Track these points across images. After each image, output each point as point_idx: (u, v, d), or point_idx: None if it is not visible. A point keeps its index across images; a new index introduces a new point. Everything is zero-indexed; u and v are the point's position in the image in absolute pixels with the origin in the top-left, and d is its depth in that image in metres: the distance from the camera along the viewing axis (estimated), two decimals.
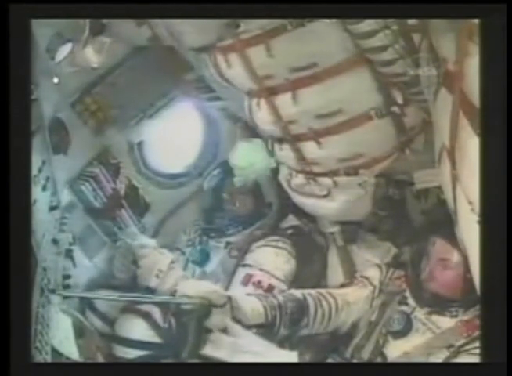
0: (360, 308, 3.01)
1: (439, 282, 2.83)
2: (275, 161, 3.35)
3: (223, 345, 2.58)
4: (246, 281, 3.20)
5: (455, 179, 2.23)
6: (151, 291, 2.92)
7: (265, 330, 2.78)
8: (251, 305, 2.78)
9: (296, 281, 3.26)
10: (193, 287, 2.71)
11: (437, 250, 2.85)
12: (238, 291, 3.08)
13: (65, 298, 2.67)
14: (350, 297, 3.04)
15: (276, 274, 3.21)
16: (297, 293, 2.95)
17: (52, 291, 2.48)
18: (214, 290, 2.70)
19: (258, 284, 3.16)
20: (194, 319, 2.56)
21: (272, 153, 3.32)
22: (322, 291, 3.05)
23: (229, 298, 2.69)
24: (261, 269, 3.23)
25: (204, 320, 2.58)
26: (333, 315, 2.95)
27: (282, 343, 2.85)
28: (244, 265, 3.32)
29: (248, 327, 2.71)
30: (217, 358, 2.53)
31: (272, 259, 3.30)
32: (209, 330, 2.59)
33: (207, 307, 2.59)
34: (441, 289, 2.83)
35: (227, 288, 3.16)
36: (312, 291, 2.99)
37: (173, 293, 2.79)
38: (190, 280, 3.13)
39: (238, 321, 2.70)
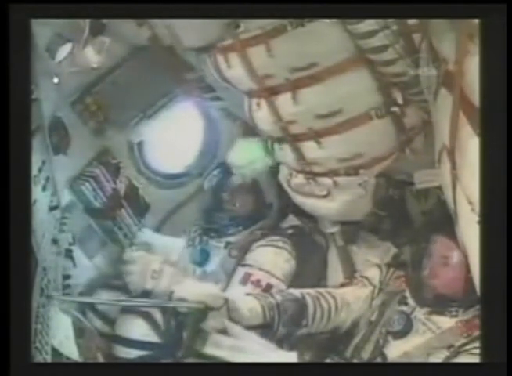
0: (360, 307, 3.01)
1: (441, 279, 2.83)
2: (273, 160, 3.35)
3: (222, 346, 2.58)
4: (245, 280, 3.20)
5: (455, 179, 2.23)
6: (149, 291, 2.91)
7: (264, 330, 2.78)
8: (249, 305, 2.78)
9: (295, 281, 3.26)
10: (189, 291, 2.69)
11: (439, 248, 2.85)
12: (236, 290, 3.09)
13: (65, 297, 2.67)
14: (349, 296, 3.04)
15: (276, 274, 3.21)
16: (296, 292, 2.95)
17: (51, 295, 2.47)
18: (210, 293, 2.69)
19: (257, 283, 3.16)
20: (190, 323, 2.56)
21: (271, 152, 3.32)
22: (322, 290, 3.05)
23: (226, 300, 2.68)
24: (260, 269, 3.23)
25: (200, 323, 2.58)
26: (333, 314, 2.95)
27: (281, 343, 2.85)
28: (244, 265, 3.32)
29: (247, 327, 2.71)
30: (217, 357, 2.54)
31: (272, 259, 3.30)
32: (207, 332, 2.59)
33: (203, 310, 2.58)
34: (443, 287, 2.83)
35: (226, 288, 3.16)
36: (311, 291, 2.99)
37: (170, 295, 2.77)
38: (187, 281, 3.09)
39: (236, 322, 2.69)
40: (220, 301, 2.65)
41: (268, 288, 3.13)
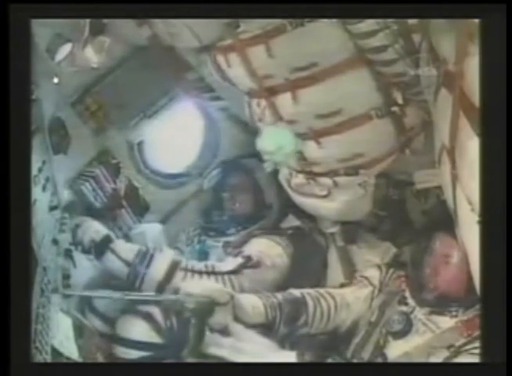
0: (360, 308, 3.01)
1: (443, 278, 2.83)
2: (299, 145, 3.31)
3: (223, 346, 2.58)
4: (236, 254, 3.23)
5: (455, 179, 2.23)
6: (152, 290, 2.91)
7: (265, 329, 2.78)
8: (252, 303, 2.79)
9: (293, 280, 3.25)
10: (197, 286, 2.71)
11: (440, 246, 2.85)
12: (226, 261, 3.13)
13: (65, 297, 2.67)
14: (349, 296, 3.04)
15: (265, 259, 3.21)
16: (296, 292, 2.95)
17: (53, 291, 2.48)
18: (217, 288, 2.71)
19: (247, 258, 3.16)
20: (197, 318, 2.56)
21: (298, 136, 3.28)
22: (322, 290, 3.05)
23: (232, 296, 2.69)
24: (251, 249, 3.26)
25: (207, 318, 2.58)
26: (333, 314, 2.96)
27: (282, 343, 2.85)
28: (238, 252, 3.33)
29: (249, 326, 2.72)
30: (218, 356, 2.54)
31: (264, 248, 3.30)
32: (211, 330, 2.60)
33: (210, 305, 2.59)
34: (444, 286, 2.83)
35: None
36: (311, 291, 2.99)
37: (176, 291, 2.78)
38: (193, 278, 3.11)
39: (239, 320, 2.70)
40: (226, 297, 2.65)
41: (256, 265, 3.15)
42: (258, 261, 3.17)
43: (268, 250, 3.31)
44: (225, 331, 2.63)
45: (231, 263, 3.13)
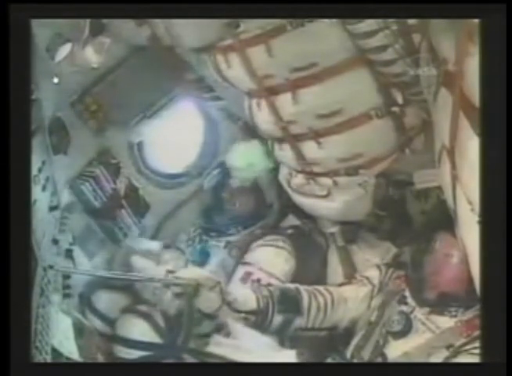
0: (358, 305, 3.02)
1: (444, 277, 2.83)
2: (273, 162, 3.35)
3: (223, 344, 2.58)
4: (246, 278, 3.21)
5: (455, 179, 2.24)
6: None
7: (258, 317, 2.80)
8: (243, 291, 2.84)
9: (295, 281, 3.26)
10: (183, 272, 2.75)
11: (441, 246, 2.85)
12: (237, 287, 3.10)
13: (65, 297, 2.68)
14: (347, 293, 3.05)
15: (276, 274, 3.21)
16: (291, 286, 2.98)
17: (53, 291, 2.48)
18: (203, 274, 2.73)
19: (258, 282, 3.16)
20: (185, 301, 2.60)
21: (270, 154, 3.31)
22: (319, 287, 3.06)
23: (219, 282, 2.72)
24: (260, 268, 3.23)
25: (195, 301, 2.61)
26: (329, 309, 2.96)
27: (280, 338, 2.85)
28: (244, 263, 3.32)
29: (240, 311, 2.76)
30: (219, 355, 2.54)
31: (272, 258, 3.31)
32: (204, 314, 2.62)
33: (195, 287, 2.62)
34: (445, 285, 2.83)
35: (226, 285, 3.16)
36: (308, 287, 3.00)
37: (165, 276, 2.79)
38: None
39: (230, 306, 2.73)
40: (213, 282, 2.68)
41: (268, 284, 3.14)
42: (268, 283, 3.15)
43: (275, 259, 3.30)
44: (224, 332, 2.64)
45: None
